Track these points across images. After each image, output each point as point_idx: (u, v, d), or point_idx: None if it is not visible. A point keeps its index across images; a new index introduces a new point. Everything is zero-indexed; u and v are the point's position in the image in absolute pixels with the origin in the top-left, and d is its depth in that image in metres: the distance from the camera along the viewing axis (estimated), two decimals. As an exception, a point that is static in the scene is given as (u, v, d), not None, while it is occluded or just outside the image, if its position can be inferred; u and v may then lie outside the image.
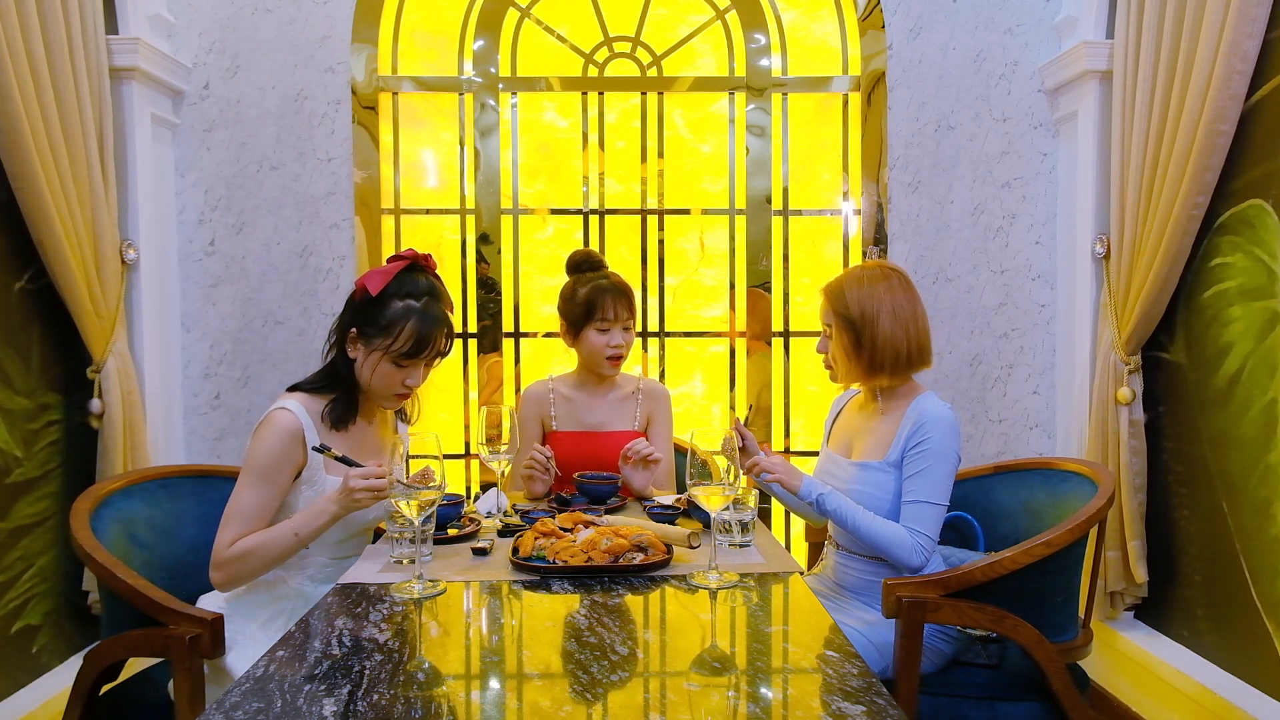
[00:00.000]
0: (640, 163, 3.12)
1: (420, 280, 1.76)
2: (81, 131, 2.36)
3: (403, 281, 1.74)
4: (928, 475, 1.71)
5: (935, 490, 1.70)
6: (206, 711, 1.01)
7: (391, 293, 1.73)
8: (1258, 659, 2.14)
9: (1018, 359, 3.02)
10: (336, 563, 1.80)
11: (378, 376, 1.74)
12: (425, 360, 1.76)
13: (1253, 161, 2.18)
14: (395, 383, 1.75)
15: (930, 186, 3.00)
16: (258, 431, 1.69)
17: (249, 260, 2.94)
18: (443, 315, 1.77)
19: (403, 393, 1.78)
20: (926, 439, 1.71)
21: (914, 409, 1.76)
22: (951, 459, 1.72)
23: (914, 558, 1.69)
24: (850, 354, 1.79)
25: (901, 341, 1.75)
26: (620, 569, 1.53)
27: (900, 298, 1.77)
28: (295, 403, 1.72)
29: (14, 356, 2.28)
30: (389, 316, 1.71)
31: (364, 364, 1.75)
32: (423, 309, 1.73)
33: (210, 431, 2.94)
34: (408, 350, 1.71)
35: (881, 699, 1.02)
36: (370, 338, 1.73)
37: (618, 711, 1.06)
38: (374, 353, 1.73)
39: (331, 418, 1.75)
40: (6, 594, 2.25)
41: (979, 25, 2.97)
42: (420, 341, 1.71)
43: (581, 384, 2.33)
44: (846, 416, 1.97)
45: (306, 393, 1.77)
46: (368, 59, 2.95)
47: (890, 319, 1.75)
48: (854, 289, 1.78)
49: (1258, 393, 2.13)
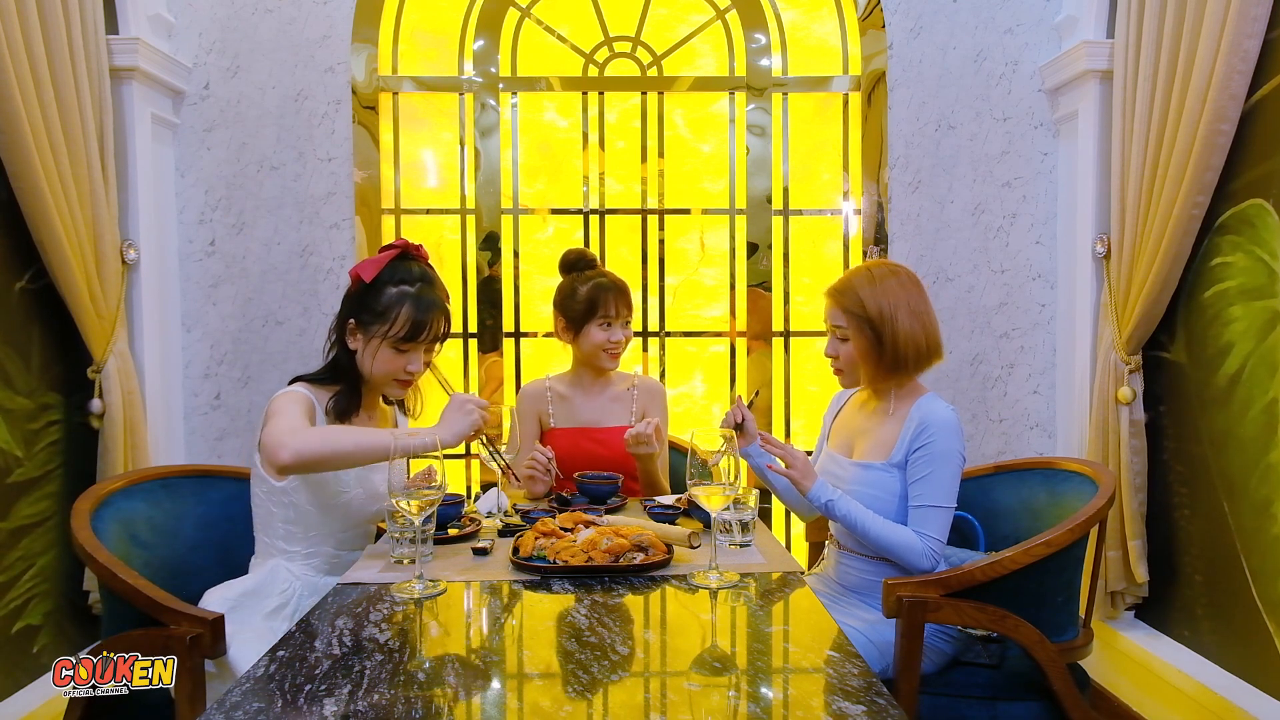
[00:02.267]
0: (640, 163, 3.12)
1: (413, 267, 1.81)
2: (82, 131, 2.36)
3: (395, 269, 1.79)
4: (934, 479, 1.71)
5: (942, 494, 1.71)
6: (207, 711, 1.01)
7: (385, 279, 1.77)
8: (1258, 659, 2.14)
9: (1018, 359, 3.02)
10: (340, 553, 1.82)
11: (379, 363, 1.77)
12: (425, 344, 1.79)
13: (1253, 161, 2.18)
14: (397, 369, 1.78)
15: (930, 186, 3.00)
16: (273, 404, 1.71)
17: (249, 260, 2.94)
18: (437, 299, 1.80)
19: (405, 379, 1.81)
20: (930, 442, 1.71)
21: (917, 410, 1.76)
22: (956, 460, 1.72)
23: (925, 561, 1.69)
24: (870, 354, 1.77)
25: (920, 336, 1.75)
26: (620, 569, 1.53)
27: (914, 293, 1.78)
28: (303, 387, 1.77)
29: (14, 356, 2.28)
30: (384, 302, 1.75)
31: (365, 353, 1.78)
32: (417, 293, 1.77)
33: (211, 431, 2.94)
34: (405, 334, 1.75)
35: (882, 699, 1.02)
36: (368, 325, 1.76)
37: (618, 711, 1.06)
38: (373, 340, 1.76)
39: (335, 410, 1.78)
40: (7, 594, 2.25)
41: (979, 25, 2.97)
42: (417, 324, 1.75)
43: (577, 382, 2.34)
44: (847, 415, 1.97)
45: (310, 384, 1.80)
46: (368, 59, 2.95)
47: (908, 315, 1.75)
48: (867, 288, 1.77)
49: (1258, 392, 2.13)
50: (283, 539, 1.77)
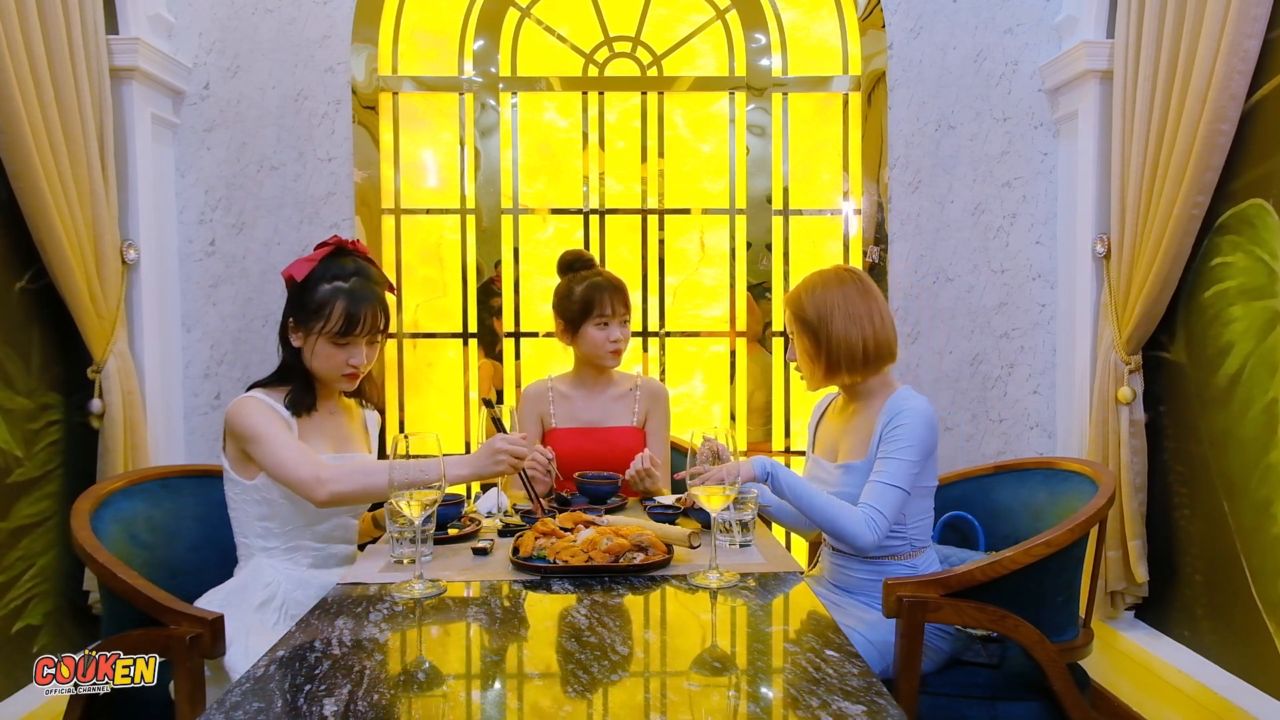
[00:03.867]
0: (640, 163, 3.12)
1: (346, 263, 1.82)
2: (82, 131, 2.36)
3: (328, 266, 1.81)
4: (893, 459, 1.72)
5: (898, 474, 1.71)
6: (207, 711, 1.01)
7: (318, 276, 1.80)
8: (1258, 658, 2.14)
9: (1018, 359, 3.02)
10: (323, 546, 1.83)
11: (321, 359, 1.80)
12: (363, 338, 1.80)
13: (1253, 161, 2.18)
14: (339, 363, 1.80)
15: (930, 186, 3.00)
16: (234, 416, 1.73)
17: (249, 260, 2.94)
18: (371, 291, 1.80)
19: (349, 372, 1.82)
20: (898, 426, 1.74)
21: (889, 405, 1.78)
22: (921, 446, 1.73)
23: (865, 532, 1.68)
24: (811, 355, 1.84)
25: (856, 339, 1.79)
26: (620, 569, 1.53)
27: (854, 298, 1.82)
28: (260, 393, 1.80)
29: (14, 356, 2.28)
30: (318, 299, 1.77)
31: (307, 351, 1.81)
32: (350, 288, 1.78)
33: (211, 431, 2.94)
34: (340, 328, 1.76)
35: (881, 699, 1.02)
36: (306, 323, 1.79)
37: (618, 711, 1.06)
38: (311, 336, 1.79)
39: (291, 406, 1.80)
40: (7, 594, 2.25)
41: (979, 25, 2.97)
42: (351, 318, 1.76)
43: (579, 382, 2.34)
44: (828, 421, 2.00)
45: (263, 388, 1.83)
46: (368, 59, 2.95)
47: (844, 319, 1.80)
48: (808, 294, 1.84)
49: (1258, 392, 2.13)
50: (260, 536, 1.78)
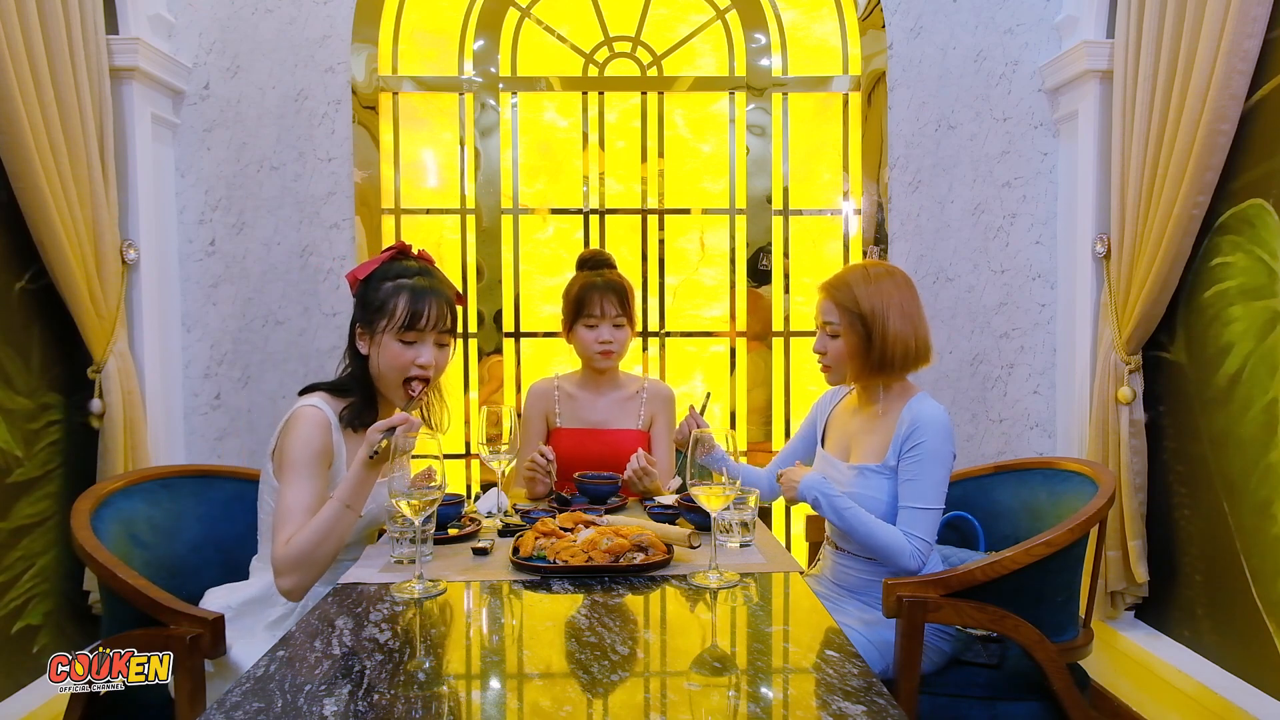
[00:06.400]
0: (640, 162, 3.12)
1: (409, 264, 1.82)
2: (82, 131, 2.36)
3: (390, 267, 1.81)
4: (923, 481, 1.71)
5: (930, 495, 1.71)
6: (207, 711, 1.01)
7: (380, 276, 1.79)
8: (1258, 658, 2.14)
9: (1018, 359, 3.02)
10: (343, 564, 1.79)
11: (387, 359, 1.76)
12: (430, 334, 1.77)
13: (1253, 161, 2.18)
14: (406, 362, 1.76)
15: (930, 186, 3.00)
16: (288, 428, 1.69)
17: (249, 260, 2.94)
18: (435, 288, 1.79)
19: (418, 374, 1.77)
20: (920, 443, 1.71)
21: (908, 411, 1.76)
22: (946, 462, 1.72)
23: (911, 562, 1.69)
24: (859, 352, 1.78)
25: (910, 338, 1.76)
26: (620, 569, 1.53)
27: (907, 295, 1.79)
28: (319, 399, 1.75)
29: (14, 356, 2.28)
30: (381, 297, 1.76)
31: (374, 353, 1.77)
32: (414, 284, 1.77)
33: (211, 431, 2.94)
34: (406, 321, 1.74)
35: (882, 699, 1.02)
36: (371, 323, 1.77)
37: (618, 711, 1.06)
38: (378, 336, 1.76)
39: (350, 419, 1.76)
40: (7, 594, 2.25)
41: (979, 25, 2.97)
42: (415, 312, 1.74)
43: (585, 382, 2.34)
44: (841, 418, 1.97)
45: (326, 392, 1.78)
46: (368, 59, 2.95)
47: (899, 316, 1.76)
48: (862, 285, 1.78)
49: (1258, 392, 2.13)
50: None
